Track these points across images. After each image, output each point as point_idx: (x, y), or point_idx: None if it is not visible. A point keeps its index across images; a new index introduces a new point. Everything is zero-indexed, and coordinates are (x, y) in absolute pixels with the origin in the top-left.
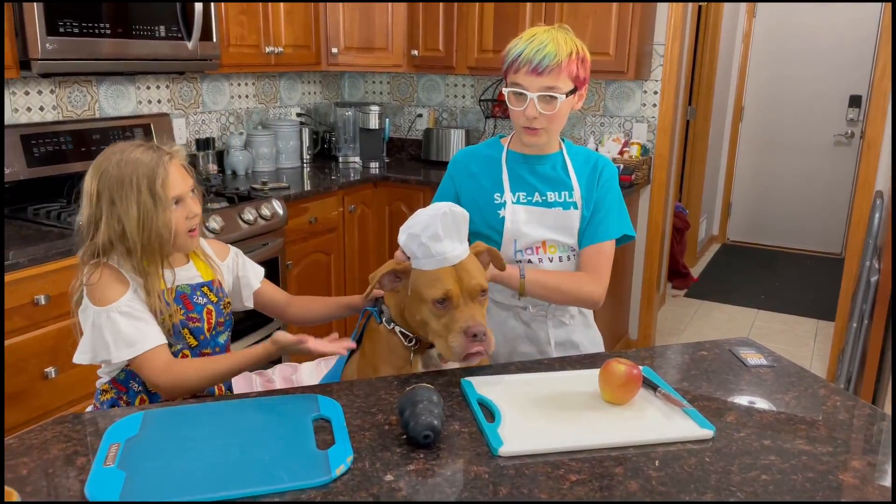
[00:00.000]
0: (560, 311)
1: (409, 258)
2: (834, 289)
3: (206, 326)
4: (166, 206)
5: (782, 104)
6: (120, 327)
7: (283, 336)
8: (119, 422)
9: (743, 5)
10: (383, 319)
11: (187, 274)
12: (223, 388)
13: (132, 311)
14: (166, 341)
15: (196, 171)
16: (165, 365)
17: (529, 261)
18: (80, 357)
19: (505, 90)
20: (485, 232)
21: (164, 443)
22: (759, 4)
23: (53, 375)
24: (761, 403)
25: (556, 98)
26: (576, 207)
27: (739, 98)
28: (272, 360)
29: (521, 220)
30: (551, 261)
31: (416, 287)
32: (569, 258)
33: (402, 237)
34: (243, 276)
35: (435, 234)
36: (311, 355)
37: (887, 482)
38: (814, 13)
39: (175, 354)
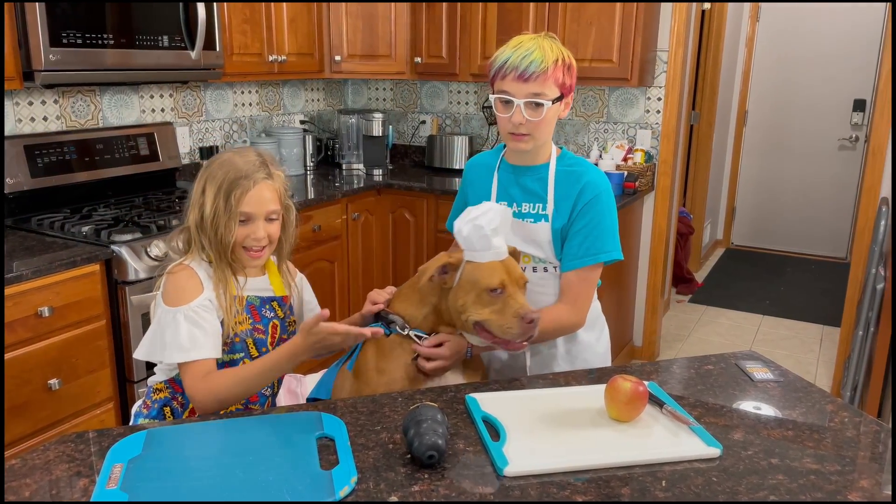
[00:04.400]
0: None
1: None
2: (839, 294)
3: (269, 340)
4: (232, 216)
5: (786, 108)
6: (181, 330)
7: (309, 322)
8: (122, 441)
9: (746, 10)
10: (393, 329)
11: (260, 285)
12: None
13: (198, 317)
14: (217, 356)
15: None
16: (204, 376)
17: None
18: (139, 352)
19: (492, 97)
20: None
21: (167, 463)
22: (763, 10)
23: (57, 387)
24: (768, 420)
25: (542, 105)
26: (546, 220)
27: (743, 103)
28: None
29: None
30: (524, 270)
31: (471, 277)
32: (545, 269)
33: (466, 228)
34: (308, 300)
35: (495, 228)
36: (340, 348)
37: (888, 492)
38: (817, 17)
39: (236, 363)
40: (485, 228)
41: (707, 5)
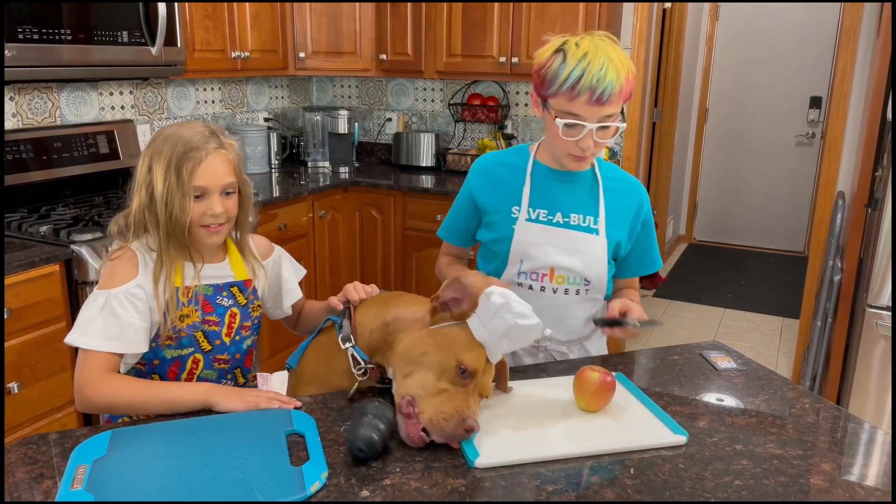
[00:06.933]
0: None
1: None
2: (798, 287)
3: (224, 330)
4: (186, 192)
5: (745, 105)
6: (93, 313)
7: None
8: (86, 442)
9: (706, 9)
10: (340, 336)
11: (219, 272)
12: None
13: (119, 305)
14: (125, 352)
15: None
16: (105, 373)
17: (531, 286)
18: (68, 337)
19: (559, 122)
20: (494, 247)
21: (133, 463)
22: (722, 9)
23: (17, 391)
24: (732, 407)
25: (613, 125)
26: (597, 234)
27: (704, 100)
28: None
29: (532, 240)
30: (555, 292)
31: (451, 334)
32: (577, 292)
33: (497, 299)
34: (287, 279)
35: (519, 323)
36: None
37: (853, 479)
38: (774, 16)
39: (185, 358)
40: (511, 312)
41: (668, 4)
